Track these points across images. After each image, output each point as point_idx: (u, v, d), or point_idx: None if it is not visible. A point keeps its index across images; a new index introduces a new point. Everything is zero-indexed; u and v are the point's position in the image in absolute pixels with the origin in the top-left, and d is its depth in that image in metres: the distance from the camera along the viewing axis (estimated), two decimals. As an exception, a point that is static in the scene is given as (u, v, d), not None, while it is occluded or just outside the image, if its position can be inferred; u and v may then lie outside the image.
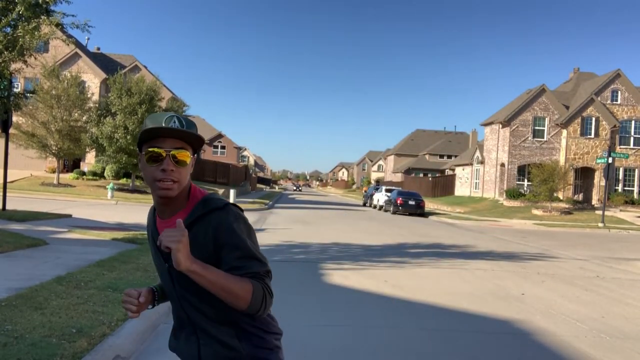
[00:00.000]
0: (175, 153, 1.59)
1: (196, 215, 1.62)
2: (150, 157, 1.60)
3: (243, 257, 1.58)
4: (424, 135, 74.09)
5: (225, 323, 1.65)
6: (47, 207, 16.24)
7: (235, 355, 1.65)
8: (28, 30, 9.46)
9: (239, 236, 1.60)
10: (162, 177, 1.58)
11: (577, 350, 4.95)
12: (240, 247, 1.59)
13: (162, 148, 1.58)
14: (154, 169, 1.59)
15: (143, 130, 1.60)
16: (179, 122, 1.61)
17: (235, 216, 1.63)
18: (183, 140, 1.61)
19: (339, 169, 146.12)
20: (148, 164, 1.61)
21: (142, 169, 1.66)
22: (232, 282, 1.52)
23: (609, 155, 26.97)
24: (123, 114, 25.83)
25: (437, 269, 9.63)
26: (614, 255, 14.07)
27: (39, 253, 7.82)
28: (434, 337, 5.23)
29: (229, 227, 1.59)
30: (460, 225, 24.39)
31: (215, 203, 1.64)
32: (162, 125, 1.58)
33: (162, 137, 1.60)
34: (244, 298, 1.53)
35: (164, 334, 4.66)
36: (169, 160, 1.58)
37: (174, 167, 1.59)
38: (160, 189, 1.59)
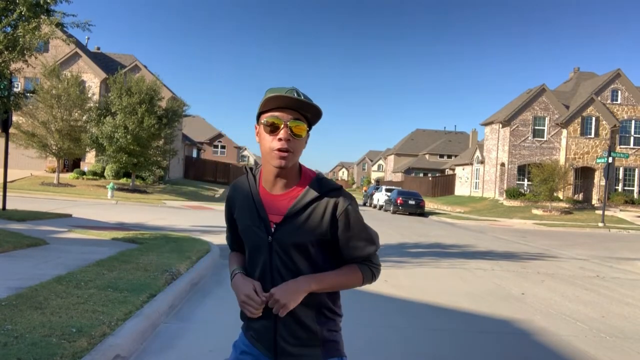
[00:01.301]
0: (292, 124, 1.64)
1: (314, 195, 1.68)
2: (268, 125, 1.64)
3: (359, 240, 1.72)
4: (424, 135, 74.10)
5: (310, 306, 1.70)
6: (47, 206, 16.24)
7: (312, 337, 1.72)
8: (28, 30, 9.46)
9: (355, 218, 1.71)
10: (278, 147, 1.63)
11: (577, 350, 4.95)
12: (355, 229, 1.71)
13: (280, 118, 1.64)
14: (272, 138, 1.64)
15: (265, 100, 1.65)
16: (298, 94, 1.64)
17: (350, 198, 1.72)
18: (300, 112, 1.66)
19: (339, 168, 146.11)
20: (266, 133, 1.65)
21: (259, 141, 1.70)
22: (345, 279, 1.72)
23: (609, 155, 26.98)
24: (123, 114, 25.83)
25: (437, 269, 9.63)
26: (614, 255, 14.07)
27: (39, 253, 7.82)
28: (433, 336, 5.23)
29: (346, 208, 1.69)
30: (460, 225, 24.39)
31: (331, 183, 1.72)
32: (283, 94, 1.62)
33: (281, 109, 1.64)
34: (355, 285, 1.76)
35: (164, 333, 4.66)
36: (287, 130, 1.63)
37: (291, 138, 1.63)
38: (276, 158, 1.63)
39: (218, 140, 71.14)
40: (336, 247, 1.72)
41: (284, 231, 1.66)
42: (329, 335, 1.75)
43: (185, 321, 5.13)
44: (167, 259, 7.43)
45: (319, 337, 1.72)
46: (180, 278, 6.49)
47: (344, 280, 1.71)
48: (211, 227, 14.33)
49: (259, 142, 1.71)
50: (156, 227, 13.27)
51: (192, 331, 4.77)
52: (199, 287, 6.67)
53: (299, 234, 1.66)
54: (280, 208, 1.69)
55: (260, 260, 1.72)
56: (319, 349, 1.72)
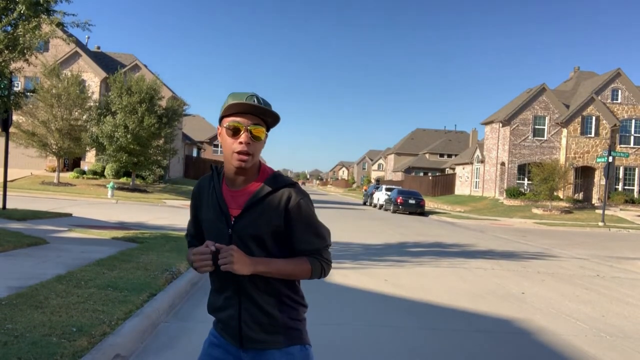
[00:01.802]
0: (252, 128, 1.75)
1: (269, 189, 1.80)
2: (229, 129, 1.76)
3: (308, 233, 1.81)
4: (424, 134, 74.07)
5: (270, 294, 1.81)
6: (48, 206, 16.24)
7: (273, 322, 1.81)
8: (29, 30, 9.45)
9: (306, 212, 1.82)
10: (239, 150, 1.74)
11: (577, 349, 4.95)
12: (307, 223, 1.81)
13: (241, 123, 1.75)
14: (233, 141, 1.75)
15: (227, 106, 1.75)
16: (258, 101, 1.75)
17: (302, 192, 1.84)
18: (259, 117, 1.77)
19: (339, 168, 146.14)
20: (227, 135, 1.76)
21: (221, 142, 1.81)
22: (292, 268, 1.78)
23: (609, 154, 26.97)
24: (123, 113, 25.83)
25: (438, 268, 9.63)
26: (614, 254, 14.07)
27: (39, 252, 7.82)
28: (434, 336, 5.23)
29: (298, 203, 1.80)
30: (460, 224, 24.39)
31: (285, 179, 1.84)
32: (243, 100, 1.73)
33: (242, 113, 1.76)
34: (304, 277, 1.81)
35: (164, 333, 4.66)
36: (247, 134, 1.74)
37: (251, 141, 1.75)
38: (237, 160, 1.75)
39: (218, 140, 71.13)
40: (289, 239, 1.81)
41: (242, 223, 1.78)
42: (291, 323, 1.84)
43: (185, 320, 5.13)
44: (167, 258, 7.43)
45: (279, 323, 1.81)
46: (180, 277, 6.49)
47: (291, 269, 1.78)
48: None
49: (220, 143, 1.82)
50: (156, 226, 13.28)
51: (192, 330, 4.78)
52: (199, 287, 6.67)
53: (255, 226, 1.77)
54: (240, 202, 1.81)
55: None
56: (281, 335, 1.81)
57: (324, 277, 1.86)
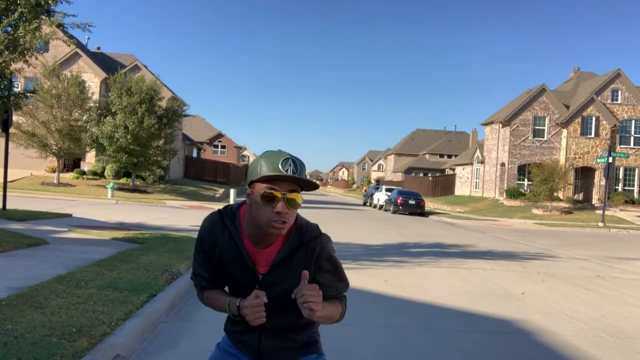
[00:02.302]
0: (289, 195, 1.66)
1: (297, 244, 1.76)
2: (265, 197, 1.65)
3: (337, 280, 1.86)
4: (424, 134, 74.08)
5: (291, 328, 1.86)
6: (47, 206, 16.24)
7: (293, 345, 1.85)
8: (29, 31, 9.45)
9: (334, 261, 1.84)
10: (276, 219, 1.65)
11: (577, 350, 4.95)
12: (336, 272, 1.85)
13: (278, 190, 1.65)
14: (269, 209, 1.65)
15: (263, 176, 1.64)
16: (294, 165, 1.67)
17: (328, 240, 1.84)
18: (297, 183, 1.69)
19: (339, 168, 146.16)
20: (263, 203, 1.65)
21: (253, 205, 1.69)
22: (334, 311, 1.81)
23: (609, 154, 26.98)
24: (123, 114, 25.83)
25: (438, 269, 9.63)
26: (614, 255, 14.07)
27: (39, 252, 7.82)
28: (434, 336, 5.23)
29: (328, 254, 1.81)
30: (460, 224, 24.39)
31: (312, 232, 1.79)
32: (279, 167, 1.65)
33: (278, 180, 1.66)
34: (338, 319, 1.85)
35: (164, 333, 4.66)
36: (284, 203, 1.65)
37: (287, 210, 1.66)
38: (274, 228, 1.66)
39: (218, 140, 71.11)
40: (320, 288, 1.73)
41: (270, 281, 1.75)
42: (309, 339, 1.90)
43: (186, 321, 5.13)
44: (167, 259, 7.43)
45: (299, 345, 1.87)
46: (180, 278, 6.49)
47: (332, 312, 1.81)
48: (211, 227, 14.30)
49: (249, 202, 1.71)
50: (156, 226, 13.28)
51: (192, 331, 4.78)
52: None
53: (285, 283, 1.73)
54: (267, 259, 1.76)
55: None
56: (299, 351, 1.88)
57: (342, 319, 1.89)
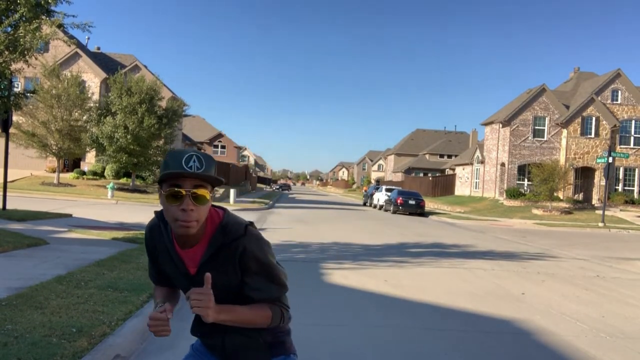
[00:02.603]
0: (195, 191, 1.63)
1: (218, 245, 1.70)
2: (170, 195, 1.63)
3: (265, 282, 1.74)
4: (424, 134, 74.08)
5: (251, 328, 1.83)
6: (47, 206, 16.24)
7: (256, 343, 1.82)
8: (30, 31, 9.45)
9: (262, 262, 1.73)
10: (183, 218, 1.62)
11: (577, 350, 4.95)
12: (263, 272, 1.74)
13: (183, 187, 1.62)
14: (175, 208, 1.63)
15: (165, 173, 1.63)
16: (199, 161, 1.63)
17: (256, 240, 1.74)
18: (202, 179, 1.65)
19: (339, 168, 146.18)
20: (168, 202, 1.64)
21: (162, 205, 1.69)
22: (253, 316, 1.73)
23: (609, 154, 26.97)
24: (123, 114, 25.83)
25: (438, 269, 9.62)
26: (614, 255, 14.07)
27: (39, 252, 7.82)
28: (434, 336, 5.23)
29: (253, 254, 1.71)
30: (460, 224, 24.39)
31: (235, 231, 1.70)
32: (182, 165, 1.61)
33: (183, 177, 1.63)
34: (264, 324, 1.75)
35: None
36: (189, 200, 1.62)
37: (194, 207, 1.62)
38: (181, 227, 1.64)
39: (218, 140, 71.11)
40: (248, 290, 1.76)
41: (200, 282, 1.67)
42: (274, 339, 1.85)
43: (186, 321, 5.11)
44: (167, 259, 7.41)
45: (263, 345, 1.84)
46: (180, 278, 6.48)
47: (253, 317, 1.73)
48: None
49: (162, 207, 1.70)
50: (156, 227, 13.25)
51: (192, 331, 4.77)
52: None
53: (216, 283, 1.66)
54: (194, 260, 1.75)
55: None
56: (266, 352, 1.85)
57: (283, 323, 1.81)
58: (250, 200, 30.69)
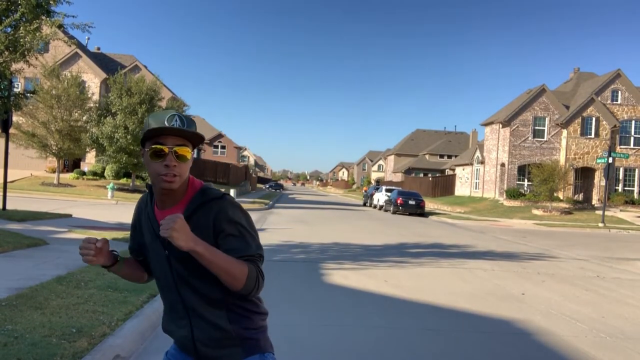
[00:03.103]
0: (177, 149, 1.72)
1: (196, 204, 1.76)
2: (153, 153, 1.72)
3: (239, 241, 1.73)
4: (424, 135, 74.06)
5: (218, 307, 1.78)
6: (47, 207, 16.24)
7: (226, 335, 1.78)
8: (30, 31, 9.45)
9: (236, 222, 1.74)
10: (165, 172, 1.71)
11: (577, 350, 4.95)
12: (237, 232, 1.74)
13: (165, 145, 1.71)
14: (158, 164, 1.72)
15: (147, 130, 1.72)
16: (180, 120, 1.73)
17: (232, 204, 1.78)
18: (184, 137, 1.74)
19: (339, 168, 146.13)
20: (152, 159, 1.73)
21: (146, 164, 1.77)
22: (230, 263, 1.66)
23: (609, 155, 26.97)
24: (123, 114, 25.83)
25: (437, 269, 9.62)
26: (614, 255, 14.07)
27: (39, 253, 7.82)
28: (434, 337, 5.23)
29: (226, 214, 1.74)
30: (460, 225, 24.39)
31: (213, 193, 1.79)
32: (164, 123, 1.71)
33: (165, 135, 1.72)
34: (240, 279, 1.67)
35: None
36: (172, 156, 1.71)
37: (176, 163, 1.71)
38: (164, 181, 1.72)
39: (218, 141, 71.10)
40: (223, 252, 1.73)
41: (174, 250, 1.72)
42: (246, 334, 1.80)
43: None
44: (167, 259, 7.42)
45: (234, 336, 1.78)
46: (180, 278, 6.48)
47: (229, 264, 1.65)
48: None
49: (146, 165, 1.78)
50: (156, 227, 13.25)
51: (192, 331, 4.77)
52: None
53: None
54: None
55: (162, 273, 1.83)
56: (238, 348, 1.79)
57: (256, 290, 1.73)
58: (250, 201, 30.69)
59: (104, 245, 1.82)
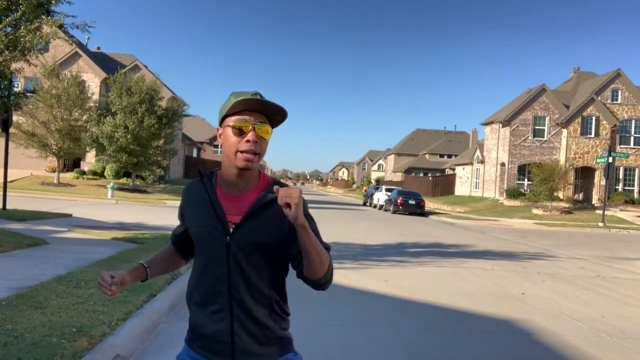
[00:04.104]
0: (258, 127, 1.69)
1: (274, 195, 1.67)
2: (236, 128, 1.68)
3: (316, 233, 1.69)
4: (424, 134, 74.06)
5: (263, 303, 1.73)
6: (47, 206, 16.24)
7: (266, 333, 1.74)
8: (30, 30, 9.45)
9: (311, 216, 1.72)
10: (246, 149, 1.67)
11: (577, 350, 4.95)
12: (313, 226, 1.69)
13: (248, 121, 1.68)
14: (239, 139, 1.68)
15: (233, 104, 1.68)
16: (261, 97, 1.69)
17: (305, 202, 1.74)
18: (266, 115, 1.71)
19: (339, 168, 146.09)
20: (234, 134, 1.68)
21: (223, 142, 1.73)
22: (322, 247, 1.67)
23: (609, 154, 26.97)
24: (123, 113, 25.83)
25: (437, 269, 9.63)
26: (614, 255, 14.07)
27: (39, 252, 7.82)
28: (434, 336, 5.23)
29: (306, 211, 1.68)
30: (460, 224, 24.39)
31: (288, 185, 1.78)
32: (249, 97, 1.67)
33: (248, 112, 1.69)
34: (325, 264, 1.68)
35: (164, 333, 4.66)
36: (254, 132, 1.68)
37: (258, 139, 1.68)
38: (243, 160, 1.67)
39: (218, 141, 71.09)
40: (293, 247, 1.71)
41: (243, 232, 1.69)
42: (283, 333, 1.79)
43: (185, 321, 5.10)
44: (167, 259, 7.41)
45: (274, 335, 1.75)
46: (180, 278, 6.49)
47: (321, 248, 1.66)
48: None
49: (221, 144, 1.74)
50: (156, 226, 13.27)
51: (192, 331, 4.77)
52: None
53: (258, 235, 1.68)
54: (239, 209, 1.71)
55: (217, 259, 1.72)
56: (274, 347, 1.76)
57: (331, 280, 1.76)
58: (250, 200, 30.65)
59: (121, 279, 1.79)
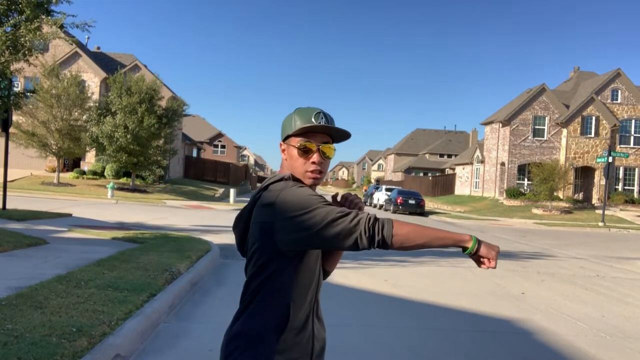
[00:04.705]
0: (323, 147, 1.77)
1: None
2: (301, 150, 1.76)
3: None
4: (424, 134, 74.06)
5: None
6: (47, 206, 16.24)
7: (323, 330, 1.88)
8: (30, 30, 9.44)
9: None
10: (312, 169, 1.76)
11: (577, 350, 4.95)
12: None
13: (313, 142, 1.76)
14: (304, 161, 1.77)
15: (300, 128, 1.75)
16: (325, 118, 1.78)
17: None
18: (329, 135, 1.80)
19: (339, 168, 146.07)
20: (299, 155, 1.77)
21: (289, 160, 1.80)
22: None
23: (609, 154, 26.98)
24: (123, 113, 25.82)
25: (437, 268, 9.63)
26: (614, 255, 14.07)
27: (39, 252, 7.82)
28: (433, 336, 5.23)
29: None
30: (460, 224, 24.40)
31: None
32: (312, 121, 1.75)
33: (312, 133, 1.76)
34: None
35: (164, 333, 4.66)
36: (319, 154, 1.76)
37: (322, 160, 1.78)
38: (311, 179, 1.77)
39: (218, 140, 71.08)
40: None
41: None
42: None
43: (185, 321, 5.13)
44: (167, 259, 7.43)
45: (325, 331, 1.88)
46: (180, 278, 6.49)
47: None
48: (211, 227, 14.34)
49: (285, 159, 1.82)
50: (156, 226, 13.27)
51: (192, 331, 4.77)
52: (199, 287, 6.67)
53: None
54: None
55: (312, 282, 1.81)
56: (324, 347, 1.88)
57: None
58: (250, 200, 30.65)
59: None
